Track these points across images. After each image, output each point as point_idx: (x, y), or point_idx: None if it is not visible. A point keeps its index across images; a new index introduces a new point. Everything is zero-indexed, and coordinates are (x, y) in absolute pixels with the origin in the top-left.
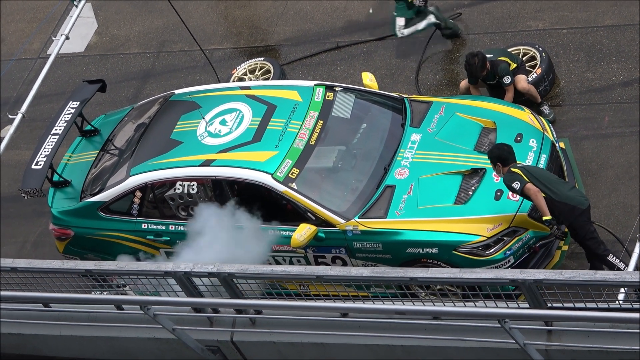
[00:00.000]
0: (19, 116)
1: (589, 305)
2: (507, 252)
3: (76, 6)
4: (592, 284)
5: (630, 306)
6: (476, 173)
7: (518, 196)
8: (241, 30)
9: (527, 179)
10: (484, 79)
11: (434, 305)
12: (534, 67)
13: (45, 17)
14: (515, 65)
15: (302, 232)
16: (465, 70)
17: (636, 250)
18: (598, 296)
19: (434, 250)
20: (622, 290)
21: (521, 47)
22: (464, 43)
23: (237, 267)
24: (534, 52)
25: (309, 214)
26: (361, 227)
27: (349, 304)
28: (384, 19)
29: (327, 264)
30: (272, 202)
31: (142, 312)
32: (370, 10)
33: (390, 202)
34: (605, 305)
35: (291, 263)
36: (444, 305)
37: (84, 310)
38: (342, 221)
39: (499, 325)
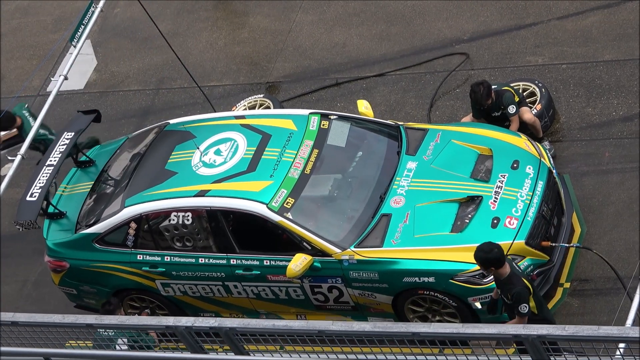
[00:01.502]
0: (19, 157)
1: (592, 358)
2: None
3: (74, 46)
4: (595, 340)
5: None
6: (472, 201)
7: (515, 224)
8: (240, 67)
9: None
10: (489, 110)
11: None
12: (534, 102)
13: (45, 58)
14: (518, 99)
15: (298, 262)
16: (470, 98)
17: (635, 303)
18: (603, 351)
19: (431, 279)
20: (622, 345)
21: (521, 83)
22: (465, 79)
23: (239, 322)
24: (534, 88)
25: (304, 243)
26: (357, 257)
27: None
28: (384, 55)
29: (323, 294)
30: (267, 232)
31: None
32: None
33: (386, 231)
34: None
35: (287, 293)
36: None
37: None
38: (338, 251)
39: None
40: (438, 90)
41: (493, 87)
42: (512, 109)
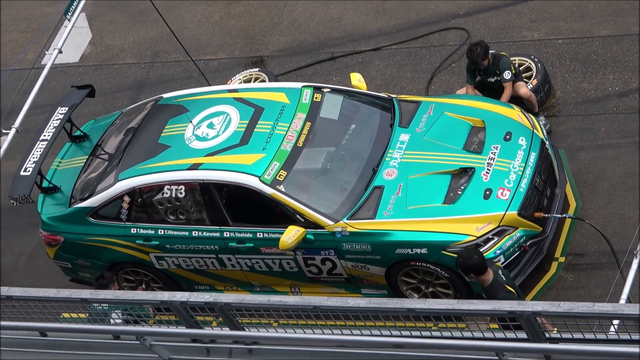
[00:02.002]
0: (13, 131)
1: (587, 334)
2: (497, 251)
3: (69, 20)
4: (590, 316)
5: (628, 337)
6: (465, 172)
7: (507, 195)
8: (236, 41)
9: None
10: (484, 74)
11: (433, 338)
12: (529, 77)
13: (39, 31)
14: (514, 72)
15: (291, 235)
16: (467, 58)
17: (629, 279)
18: (598, 327)
19: (423, 251)
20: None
21: (517, 58)
22: (461, 54)
23: (234, 297)
24: (530, 63)
25: (297, 216)
26: (350, 229)
27: (346, 337)
28: (380, 29)
29: (317, 266)
30: (260, 205)
31: (138, 342)
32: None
33: (378, 203)
34: (603, 336)
35: (281, 266)
36: (443, 337)
37: (80, 339)
38: (331, 223)
39: (497, 358)
40: (436, 66)
41: (491, 51)
42: (507, 75)
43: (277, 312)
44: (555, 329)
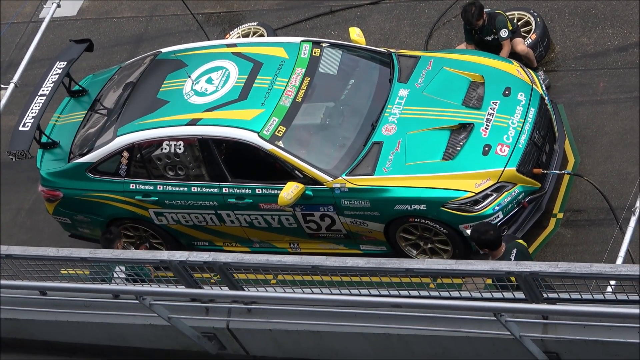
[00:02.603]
0: (11, 86)
1: (585, 294)
2: (496, 208)
3: None
4: (588, 277)
5: (625, 297)
6: (464, 128)
7: (506, 151)
8: None
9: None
10: (481, 32)
11: (431, 298)
12: (528, 32)
13: None
14: (511, 29)
15: (290, 191)
16: (462, 18)
17: (627, 236)
18: (594, 288)
19: (422, 207)
20: (612, 282)
21: (516, 12)
22: (460, 8)
23: (233, 257)
24: (529, 17)
25: (296, 172)
26: (349, 185)
27: (344, 297)
28: None
29: (315, 222)
30: (259, 161)
31: (137, 301)
32: None
33: (377, 159)
34: (600, 296)
35: (280, 222)
36: (441, 297)
37: (80, 298)
38: (330, 179)
39: (495, 319)
40: (434, 20)
41: (486, 10)
42: (504, 33)
43: (275, 270)
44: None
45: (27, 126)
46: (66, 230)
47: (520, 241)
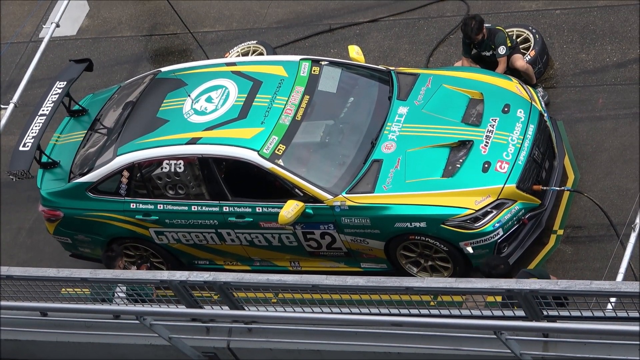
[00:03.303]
0: (11, 106)
1: (585, 312)
2: (496, 225)
3: None
4: (588, 294)
5: (626, 314)
6: (464, 145)
7: (506, 168)
8: (233, 12)
9: None
10: (479, 47)
11: (432, 316)
12: (527, 49)
13: (37, 4)
14: (510, 45)
15: (290, 209)
16: (461, 31)
17: (627, 252)
18: (594, 305)
19: (422, 225)
20: (612, 299)
21: (515, 29)
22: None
23: (233, 276)
24: (528, 34)
25: (296, 190)
26: (349, 203)
27: (345, 316)
28: (377, 1)
29: (316, 240)
30: (259, 179)
31: (138, 322)
32: None
33: (377, 176)
34: (600, 313)
35: (280, 240)
36: (441, 315)
37: (80, 319)
38: (330, 197)
39: (495, 337)
40: (434, 37)
41: (487, 25)
42: (502, 50)
43: (276, 289)
44: None
45: (28, 146)
46: (67, 250)
47: (535, 275)
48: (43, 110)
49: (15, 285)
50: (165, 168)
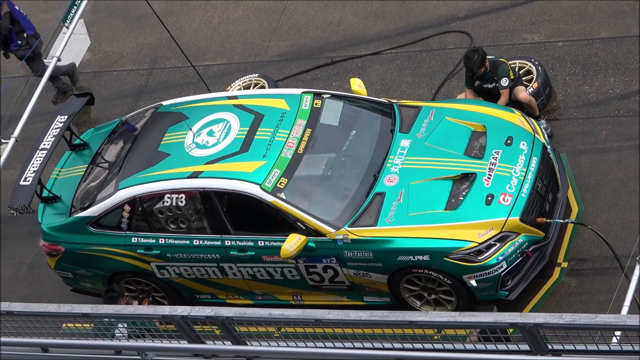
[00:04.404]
0: (12, 140)
1: (590, 345)
2: (500, 258)
3: (67, 27)
4: (592, 328)
5: (631, 348)
6: (467, 178)
7: (509, 200)
8: (235, 46)
9: None
10: (482, 80)
11: (435, 350)
12: (530, 81)
13: (37, 39)
14: (513, 77)
15: (292, 243)
16: (464, 64)
17: (632, 284)
18: (599, 338)
19: (425, 258)
20: (617, 333)
21: (517, 61)
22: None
23: (235, 311)
24: (530, 66)
25: (298, 223)
26: (351, 236)
27: (348, 350)
28: (379, 33)
29: (318, 274)
30: (261, 213)
31: (139, 357)
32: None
33: (380, 209)
34: (605, 347)
35: (282, 274)
36: (445, 350)
37: (82, 355)
38: (332, 230)
39: None
40: (436, 69)
41: (489, 57)
42: (504, 82)
43: (278, 324)
44: None
45: (28, 180)
46: (68, 284)
47: None
48: (44, 145)
49: (16, 320)
50: (167, 202)
